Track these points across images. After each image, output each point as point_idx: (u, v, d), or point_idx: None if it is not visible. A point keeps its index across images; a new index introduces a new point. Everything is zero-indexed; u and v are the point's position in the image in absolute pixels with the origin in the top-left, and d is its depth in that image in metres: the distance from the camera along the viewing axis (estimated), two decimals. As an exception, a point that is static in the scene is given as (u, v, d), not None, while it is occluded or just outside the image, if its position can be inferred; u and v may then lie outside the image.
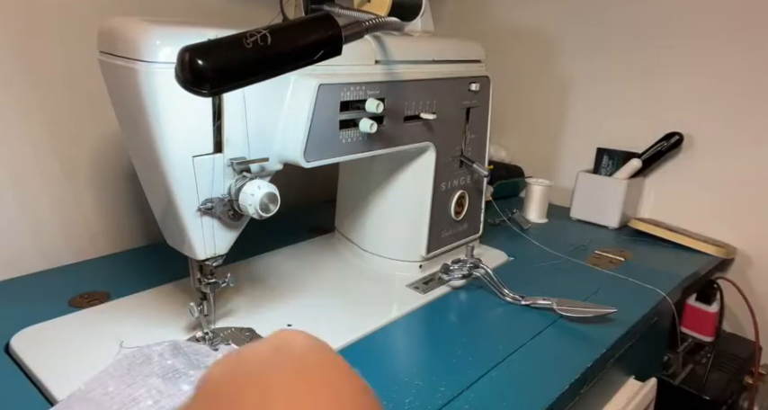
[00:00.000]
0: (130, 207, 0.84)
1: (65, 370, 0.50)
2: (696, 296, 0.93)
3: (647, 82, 1.00)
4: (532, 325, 0.64)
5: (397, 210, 0.74)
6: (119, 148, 0.80)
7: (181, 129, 0.46)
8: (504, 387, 0.52)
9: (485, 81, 0.76)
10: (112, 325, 0.58)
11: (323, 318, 0.63)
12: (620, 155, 1.01)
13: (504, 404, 0.50)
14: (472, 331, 0.62)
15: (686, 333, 0.93)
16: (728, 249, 0.92)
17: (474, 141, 0.77)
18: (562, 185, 1.10)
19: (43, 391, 0.49)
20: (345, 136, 0.58)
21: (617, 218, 0.98)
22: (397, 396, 0.50)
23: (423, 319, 0.65)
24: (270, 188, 0.49)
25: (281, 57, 0.41)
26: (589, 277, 0.78)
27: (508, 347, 0.59)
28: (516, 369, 0.56)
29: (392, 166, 0.72)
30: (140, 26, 0.44)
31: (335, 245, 0.82)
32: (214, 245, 0.52)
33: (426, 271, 0.76)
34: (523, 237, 0.92)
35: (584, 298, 0.70)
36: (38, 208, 0.75)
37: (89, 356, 0.52)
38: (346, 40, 0.45)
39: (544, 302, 0.67)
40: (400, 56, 0.64)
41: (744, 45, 0.90)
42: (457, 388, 0.51)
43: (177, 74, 0.37)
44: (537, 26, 1.13)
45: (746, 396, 0.88)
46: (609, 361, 0.62)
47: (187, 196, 0.48)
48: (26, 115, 0.72)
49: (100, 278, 0.71)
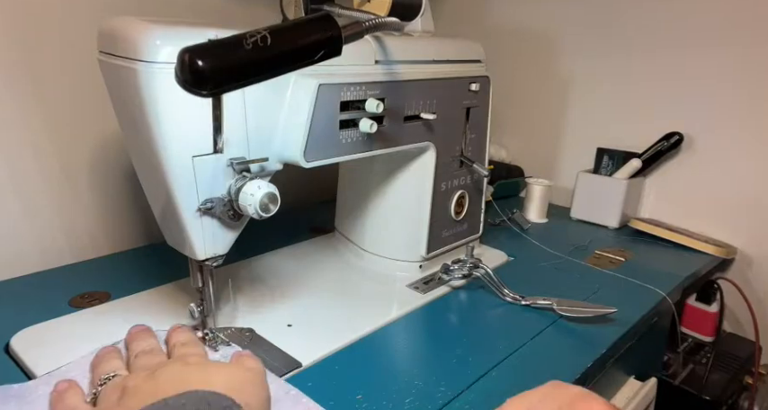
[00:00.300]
0: (130, 207, 0.84)
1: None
2: (696, 296, 0.93)
3: (647, 82, 1.00)
4: (532, 325, 0.64)
5: (397, 210, 0.74)
6: (119, 148, 0.80)
7: (181, 129, 0.46)
8: (504, 388, 0.52)
9: (485, 81, 0.76)
10: (112, 325, 0.58)
11: (323, 318, 0.63)
12: (620, 156, 1.01)
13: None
14: (472, 331, 0.62)
15: (686, 333, 0.93)
16: (728, 249, 0.92)
17: (474, 141, 0.77)
18: (562, 185, 1.10)
19: (43, 391, 0.49)
20: (345, 136, 0.58)
21: (617, 218, 0.98)
22: (397, 397, 0.50)
23: (423, 319, 0.65)
24: (270, 188, 0.49)
25: (281, 57, 0.41)
26: (589, 277, 0.78)
27: (508, 347, 0.59)
28: (516, 370, 0.56)
29: (392, 166, 0.72)
30: (140, 26, 0.44)
31: (335, 245, 0.82)
32: (214, 245, 0.52)
33: (426, 271, 0.76)
34: (523, 237, 0.92)
35: (584, 298, 0.70)
36: (38, 208, 0.75)
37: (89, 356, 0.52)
38: (346, 40, 0.45)
39: (544, 302, 0.67)
40: (400, 56, 0.64)
41: (744, 45, 0.89)
42: (457, 388, 0.51)
43: (177, 74, 0.37)
44: (537, 26, 1.13)
45: (746, 396, 0.88)
46: (609, 361, 0.62)
47: (187, 196, 0.48)
48: (26, 115, 0.72)
49: (100, 278, 0.71)
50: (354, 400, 0.49)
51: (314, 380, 0.51)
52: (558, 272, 0.79)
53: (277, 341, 0.56)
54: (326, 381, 0.52)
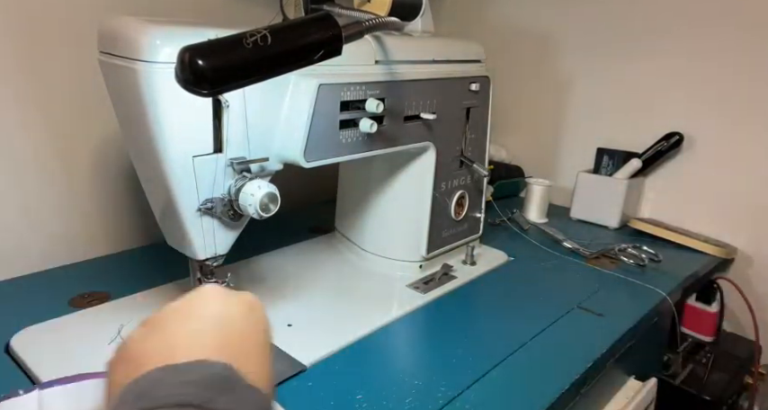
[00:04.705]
0: (130, 207, 0.84)
1: (65, 371, 0.50)
2: (696, 296, 0.93)
3: (647, 82, 1.00)
4: (532, 325, 0.64)
5: (397, 210, 0.74)
6: (119, 148, 0.80)
7: (181, 129, 0.46)
8: (504, 388, 0.52)
9: (485, 81, 0.76)
10: (112, 325, 0.58)
11: (323, 318, 0.63)
12: (620, 156, 1.01)
13: (504, 404, 0.50)
14: (472, 331, 0.62)
15: (686, 333, 0.93)
16: (728, 249, 0.92)
17: (474, 141, 0.77)
18: (562, 185, 1.10)
19: (43, 391, 0.49)
20: (345, 136, 0.58)
21: (617, 218, 0.98)
22: (397, 397, 0.50)
23: (423, 319, 0.65)
24: (270, 188, 0.49)
25: (281, 57, 0.41)
26: (589, 277, 0.78)
27: (508, 347, 0.59)
28: (516, 369, 0.56)
29: (392, 166, 0.72)
30: (140, 26, 0.44)
31: (336, 245, 0.82)
32: (214, 245, 0.52)
33: (426, 271, 0.76)
34: (523, 237, 0.92)
35: (585, 298, 0.70)
36: (38, 208, 0.75)
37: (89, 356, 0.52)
38: (346, 40, 0.45)
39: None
40: (400, 56, 0.64)
41: (744, 45, 0.89)
42: (457, 388, 0.51)
43: (177, 74, 0.37)
44: (537, 26, 1.13)
45: (746, 396, 0.88)
46: (609, 361, 0.62)
47: (187, 196, 0.48)
48: (26, 115, 0.72)
49: (100, 278, 0.71)
50: (354, 400, 0.49)
51: (314, 380, 0.51)
52: (558, 272, 0.79)
53: (277, 341, 0.56)
54: (326, 381, 0.52)
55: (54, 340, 0.55)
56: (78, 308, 0.62)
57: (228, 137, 0.49)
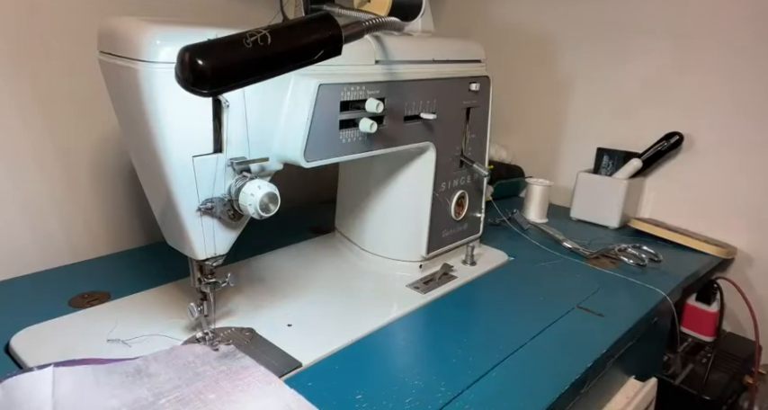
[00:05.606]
0: (130, 207, 0.84)
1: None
2: (696, 296, 0.93)
3: (647, 82, 1.00)
4: (532, 325, 0.64)
5: (397, 210, 0.74)
6: (119, 148, 0.80)
7: (181, 129, 0.46)
8: (504, 388, 0.52)
9: (485, 81, 0.76)
10: (112, 325, 0.58)
11: (323, 318, 0.63)
12: (620, 156, 1.01)
13: (504, 404, 0.50)
14: (472, 331, 0.62)
15: (686, 333, 0.93)
16: (728, 249, 0.92)
17: (474, 141, 0.77)
18: (562, 185, 1.10)
19: (43, 391, 0.49)
20: (345, 136, 0.58)
21: (617, 218, 0.98)
22: (397, 397, 0.50)
23: (423, 319, 0.65)
24: (270, 188, 0.49)
25: (281, 57, 0.41)
26: (589, 277, 0.78)
27: (508, 347, 0.59)
28: (516, 370, 0.56)
29: (392, 166, 0.72)
30: (140, 26, 0.44)
31: (336, 245, 0.82)
32: (214, 244, 0.52)
33: (426, 271, 0.76)
34: (523, 237, 0.92)
35: (584, 298, 0.70)
36: (38, 208, 0.75)
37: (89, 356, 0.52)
38: (346, 40, 0.45)
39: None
40: (400, 56, 0.64)
41: (744, 45, 0.89)
42: (457, 388, 0.51)
43: (177, 74, 0.37)
44: (537, 26, 1.13)
45: (746, 396, 0.88)
46: (609, 361, 0.62)
47: (187, 196, 0.48)
48: (26, 115, 0.72)
49: (100, 278, 0.71)
50: (354, 400, 0.49)
51: (314, 380, 0.51)
52: (558, 272, 0.79)
53: (277, 341, 0.56)
54: (326, 381, 0.52)
55: (54, 340, 0.55)
56: (78, 308, 0.62)
57: (228, 137, 0.49)
